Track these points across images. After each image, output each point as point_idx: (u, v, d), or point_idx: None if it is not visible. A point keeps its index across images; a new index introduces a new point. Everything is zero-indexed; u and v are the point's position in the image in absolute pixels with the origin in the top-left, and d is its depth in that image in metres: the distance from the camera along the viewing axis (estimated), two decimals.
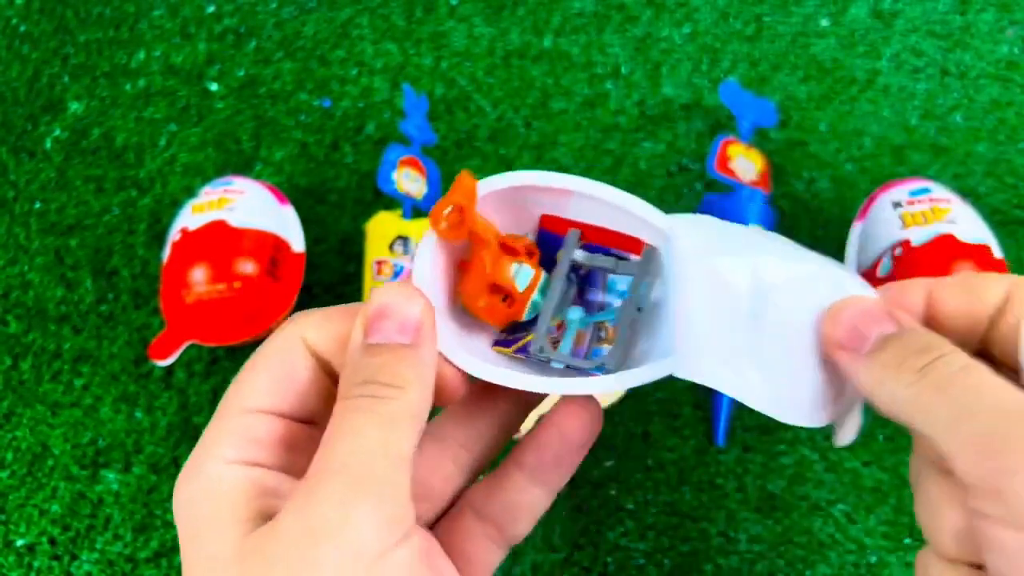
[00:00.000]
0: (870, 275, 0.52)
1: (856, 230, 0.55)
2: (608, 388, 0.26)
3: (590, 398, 0.27)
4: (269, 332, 0.54)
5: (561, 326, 0.29)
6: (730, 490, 0.52)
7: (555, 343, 0.28)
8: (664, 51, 0.65)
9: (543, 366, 0.28)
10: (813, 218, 0.60)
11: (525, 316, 0.29)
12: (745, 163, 0.57)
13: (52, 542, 0.52)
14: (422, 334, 0.23)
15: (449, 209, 0.25)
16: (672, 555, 0.51)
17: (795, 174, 0.61)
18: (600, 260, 0.29)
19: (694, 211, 0.52)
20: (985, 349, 0.25)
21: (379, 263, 0.55)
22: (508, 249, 0.28)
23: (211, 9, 0.68)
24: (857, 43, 0.65)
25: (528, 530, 0.29)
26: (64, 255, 0.60)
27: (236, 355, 0.56)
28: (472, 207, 0.26)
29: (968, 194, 0.58)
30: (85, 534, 0.52)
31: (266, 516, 0.22)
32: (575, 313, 0.29)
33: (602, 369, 0.27)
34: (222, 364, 0.56)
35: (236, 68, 0.66)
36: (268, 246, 0.53)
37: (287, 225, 0.55)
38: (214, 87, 0.65)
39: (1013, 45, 0.65)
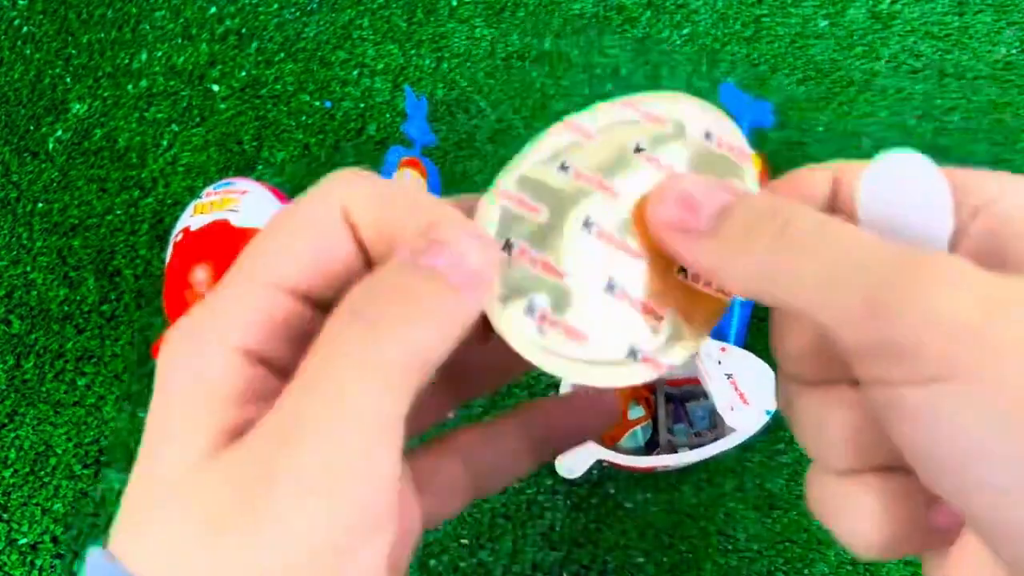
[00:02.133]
0: None
1: None
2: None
3: (611, 395, 0.27)
4: None
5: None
6: (729, 489, 0.53)
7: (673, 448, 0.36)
8: (663, 53, 0.66)
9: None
10: None
11: (623, 441, 0.49)
12: None
13: (55, 541, 0.52)
14: (478, 286, 0.19)
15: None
16: (671, 553, 0.51)
17: None
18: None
19: None
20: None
21: None
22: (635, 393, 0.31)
23: (213, 10, 0.68)
24: (855, 44, 0.66)
25: (500, 490, 0.27)
26: (67, 255, 0.60)
27: None
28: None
29: None
30: (88, 533, 0.52)
31: (230, 435, 0.18)
32: (680, 432, 0.53)
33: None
34: None
35: (238, 69, 0.66)
36: None
37: None
38: (216, 88, 0.66)
39: (1011, 46, 0.65)
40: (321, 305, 0.20)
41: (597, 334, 0.21)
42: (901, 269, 0.17)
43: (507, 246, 0.21)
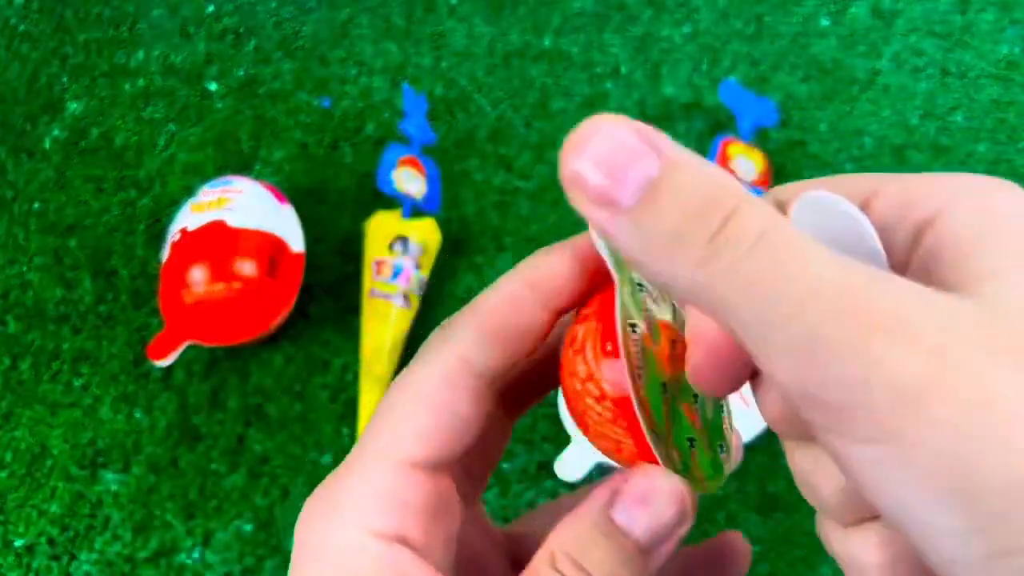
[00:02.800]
0: None
1: None
2: None
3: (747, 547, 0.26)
4: (269, 332, 0.54)
5: None
6: (731, 491, 0.52)
7: None
8: (664, 51, 0.65)
9: None
10: None
11: None
12: (745, 163, 0.57)
13: (51, 542, 0.52)
14: (667, 543, 0.19)
15: None
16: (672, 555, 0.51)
17: (795, 174, 0.61)
18: None
19: None
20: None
21: (378, 263, 0.55)
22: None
23: (211, 9, 0.68)
24: (857, 43, 0.65)
25: None
26: (63, 255, 0.60)
27: (236, 355, 0.56)
28: None
29: None
30: (84, 534, 0.52)
31: None
32: None
33: None
34: (221, 364, 0.56)
35: (236, 68, 0.66)
36: (267, 246, 0.53)
37: (286, 225, 0.55)
38: (213, 87, 0.65)
39: (1013, 45, 0.65)
40: (446, 466, 0.20)
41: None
42: (849, 309, 0.15)
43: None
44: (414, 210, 0.56)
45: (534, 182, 0.61)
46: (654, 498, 0.19)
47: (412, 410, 0.20)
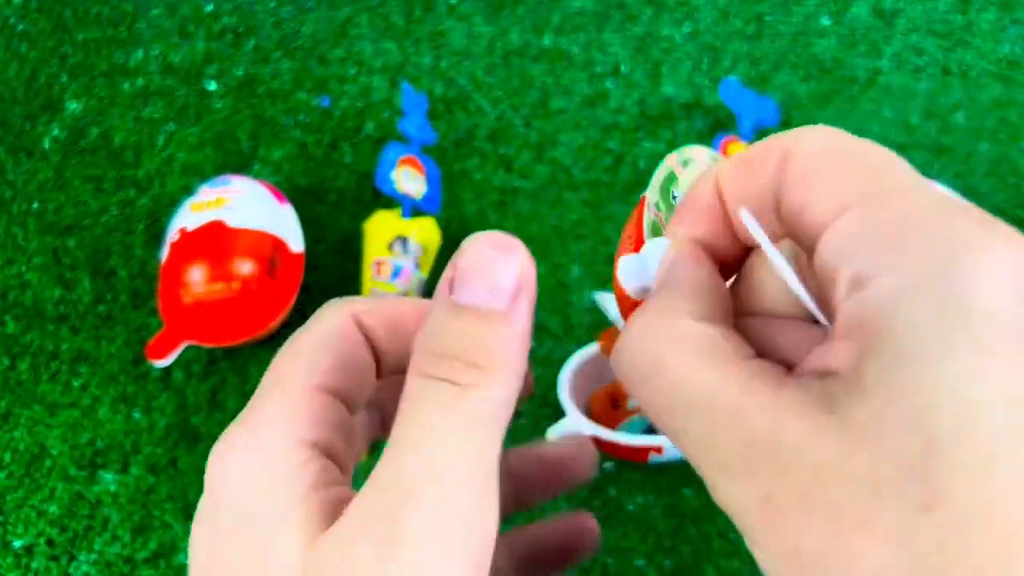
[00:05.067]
0: None
1: None
2: None
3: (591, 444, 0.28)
4: (268, 332, 0.54)
5: None
6: None
7: None
8: (664, 50, 0.65)
9: None
10: None
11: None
12: None
13: (50, 543, 0.52)
14: (519, 300, 0.20)
15: None
16: (673, 556, 0.51)
17: None
18: None
19: None
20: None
21: (378, 263, 0.55)
22: None
23: (210, 8, 0.68)
24: (858, 42, 0.65)
25: None
26: (62, 255, 0.60)
27: (235, 356, 0.56)
28: None
29: (969, 193, 0.57)
30: (83, 535, 0.52)
31: (329, 515, 0.19)
32: None
33: None
34: (220, 365, 0.56)
35: (235, 67, 0.66)
36: (267, 246, 0.53)
37: (286, 225, 0.55)
38: (213, 86, 0.65)
39: (1015, 44, 0.65)
40: (347, 402, 0.22)
41: None
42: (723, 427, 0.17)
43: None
44: (414, 210, 0.56)
45: (534, 182, 0.61)
46: (487, 266, 0.20)
47: (316, 349, 0.21)
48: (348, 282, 0.58)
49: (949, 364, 0.15)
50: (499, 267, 0.20)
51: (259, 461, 0.20)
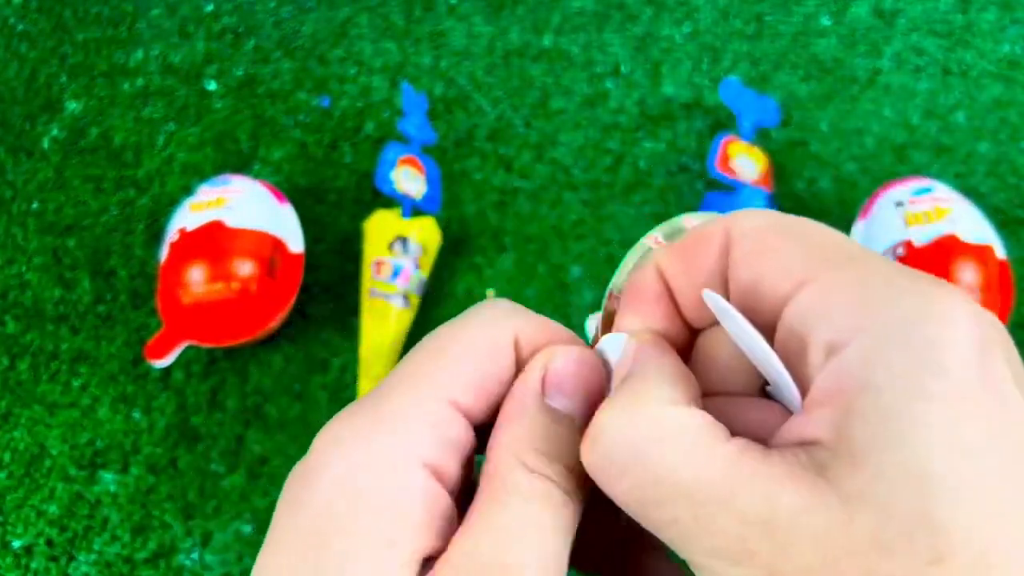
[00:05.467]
0: None
1: (858, 229, 0.54)
2: None
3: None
4: (268, 332, 0.54)
5: None
6: None
7: None
8: (664, 50, 0.65)
9: None
10: (815, 217, 0.59)
11: None
12: (747, 162, 0.56)
13: (50, 543, 0.52)
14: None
15: None
16: (674, 556, 0.51)
17: (796, 173, 0.61)
18: None
19: (696, 211, 0.52)
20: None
21: (378, 263, 0.55)
22: None
23: (210, 8, 0.68)
24: (858, 42, 0.65)
25: None
26: (62, 255, 0.60)
27: (234, 356, 0.56)
28: None
29: (970, 193, 0.57)
30: (83, 535, 0.52)
31: (430, 554, 0.18)
32: None
33: None
34: (220, 365, 0.55)
35: (235, 67, 0.66)
36: (266, 246, 0.53)
37: (285, 225, 0.55)
38: (212, 86, 0.65)
39: (1015, 44, 0.65)
40: (477, 427, 0.20)
41: None
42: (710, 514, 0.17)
43: None
44: (414, 210, 0.56)
45: (534, 182, 0.61)
46: (576, 371, 0.20)
47: (465, 357, 0.19)
48: (348, 282, 0.58)
49: (935, 415, 0.15)
50: (589, 374, 0.20)
51: (376, 474, 0.17)
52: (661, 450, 0.17)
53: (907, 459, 0.15)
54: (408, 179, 0.56)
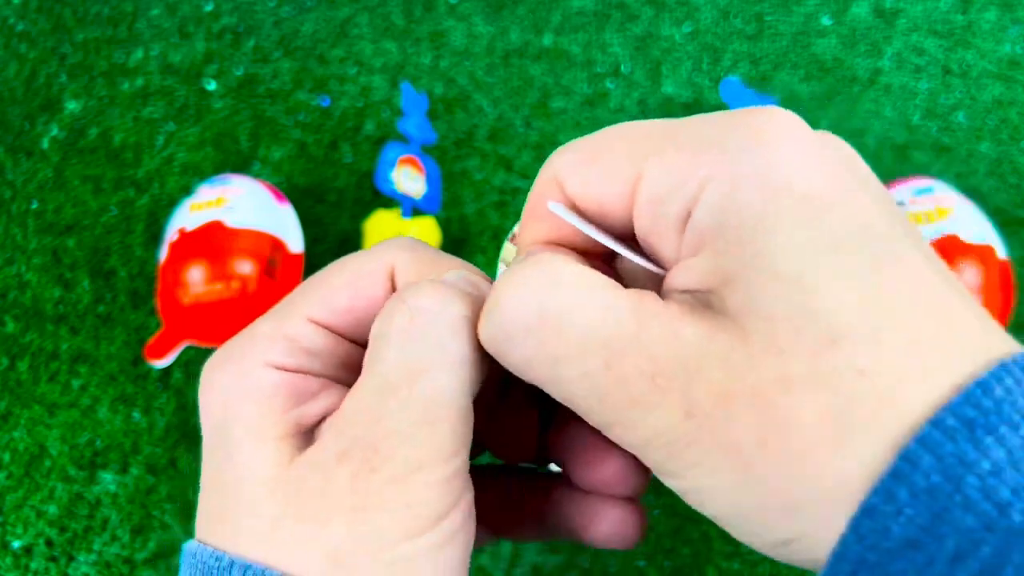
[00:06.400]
0: None
1: None
2: None
3: (641, 519, 0.24)
4: None
5: None
6: None
7: None
8: (665, 50, 0.65)
9: None
10: None
11: None
12: None
13: (49, 543, 0.52)
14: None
15: None
16: (673, 557, 0.51)
17: None
18: None
19: None
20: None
21: None
22: None
23: (209, 8, 0.68)
24: (859, 42, 0.65)
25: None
26: (62, 255, 0.60)
27: None
28: None
29: (971, 193, 0.57)
30: (82, 535, 0.52)
31: (304, 427, 0.20)
32: None
33: None
34: None
35: (234, 67, 0.66)
36: (266, 246, 0.53)
37: (285, 225, 0.55)
38: (212, 86, 0.65)
39: (1016, 44, 0.65)
40: (356, 342, 0.22)
41: None
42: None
43: None
44: (414, 210, 0.56)
45: (534, 182, 0.61)
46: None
47: (335, 283, 0.22)
48: None
49: (787, 225, 0.17)
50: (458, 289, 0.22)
51: (239, 382, 0.21)
52: (565, 299, 0.18)
53: (774, 268, 0.16)
54: (408, 179, 0.56)
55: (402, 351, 0.19)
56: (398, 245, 0.23)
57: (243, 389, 0.20)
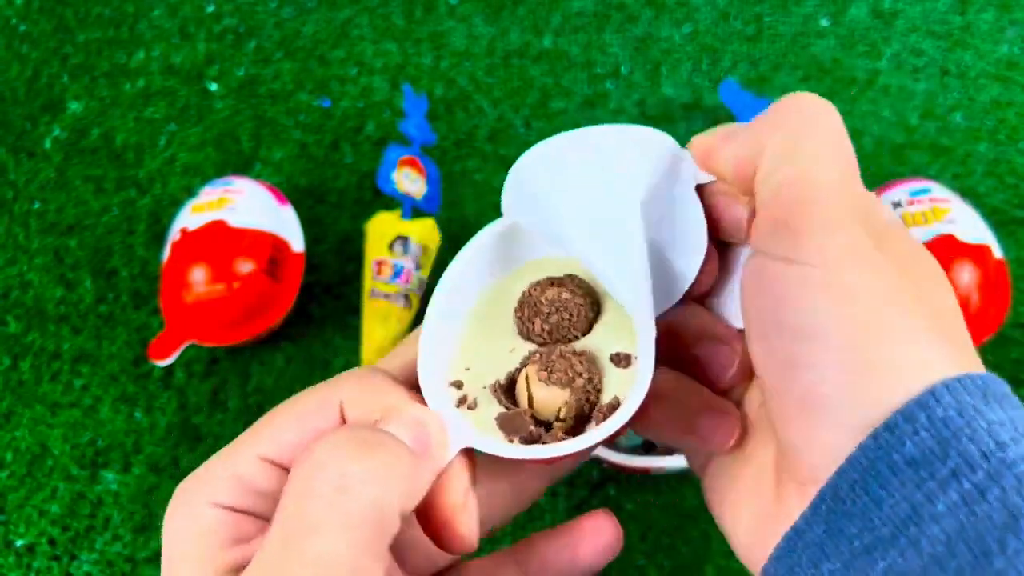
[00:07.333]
0: None
1: None
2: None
3: (612, 520, 0.26)
4: (268, 332, 0.54)
5: None
6: None
7: None
8: (664, 51, 0.65)
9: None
10: None
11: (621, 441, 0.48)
12: None
13: (51, 542, 0.52)
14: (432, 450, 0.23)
15: None
16: (673, 556, 0.51)
17: None
18: None
19: None
20: None
21: (379, 263, 0.55)
22: None
23: (211, 9, 0.68)
24: (857, 43, 0.65)
25: None
26: (63, 255, 0.60)
27: (236, 355, 0.56)
28: None
29: (968, 194, 0.58)
30: (84, 534, 0.52)
31: (242, 565, 0.21)
32: None
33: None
34: (222, 364, 0.56)
35: (236, 68, 0.66)
36: (267, 246, 0.53)
37: (286, 225, 0.55)
38: (213, 87, 0.65)
39: (1013, 45, 0.65)
40: None
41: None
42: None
43: None
44: (414, 210, 0.56)
45: None
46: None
47: (287, 419, 0.24)
48: (349, 282, 0.58)
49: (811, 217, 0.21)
50: (430, 420, 0.24)
51: (185, 521, 0.22)
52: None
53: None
54: (409, 180, 0.56)
55: (298, 506, 0.20)
56: (350, 377, 0.24)
57: (187, 528, 0.22)
